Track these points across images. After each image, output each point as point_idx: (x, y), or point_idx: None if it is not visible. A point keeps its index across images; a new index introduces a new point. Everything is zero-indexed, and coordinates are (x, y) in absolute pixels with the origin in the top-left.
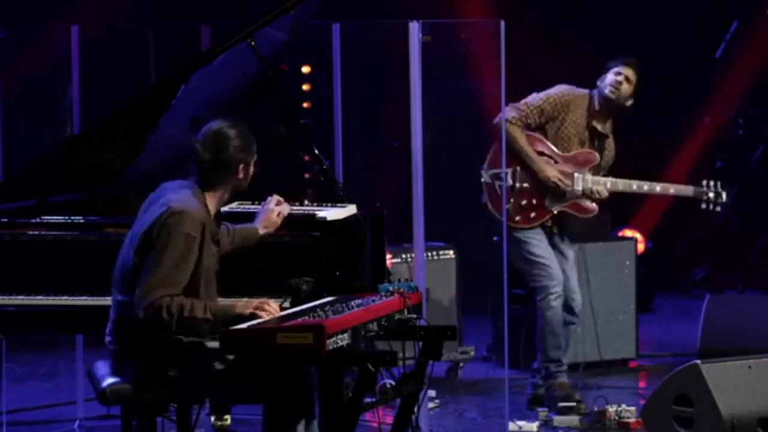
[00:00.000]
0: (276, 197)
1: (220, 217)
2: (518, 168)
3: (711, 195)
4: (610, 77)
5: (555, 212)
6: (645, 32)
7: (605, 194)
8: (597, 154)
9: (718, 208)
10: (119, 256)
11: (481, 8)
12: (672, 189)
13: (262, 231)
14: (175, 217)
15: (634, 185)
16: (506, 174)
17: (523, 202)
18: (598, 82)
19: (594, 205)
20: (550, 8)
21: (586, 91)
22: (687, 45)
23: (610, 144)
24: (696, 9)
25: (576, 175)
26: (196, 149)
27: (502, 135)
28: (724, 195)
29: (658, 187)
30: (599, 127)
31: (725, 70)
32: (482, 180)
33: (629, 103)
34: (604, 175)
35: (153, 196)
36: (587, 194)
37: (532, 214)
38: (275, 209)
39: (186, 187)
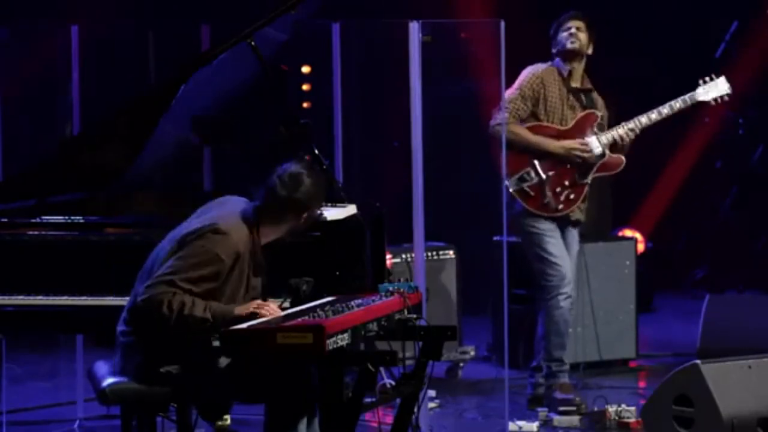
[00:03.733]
0: None
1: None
2: (535, 161)
3: (711, 88)
4: (562, 35)
5: (589, 182)
6: (645, 32)
7: (627, 138)
8: (595, 111)
9: (726, 98)
10: (154, 250)
11: (481, 8)
12: (678, 103)
13: None
14: (216, 236)
15: (643, 119)
16: (528, 172)
17: (558, 189)
18: (553, 50)
19: (620, 156)
20: (550, 8)
21: (547, 63)
22: (687, 45)
23: (596, 98)
24: (696, 9)
25: (588, 139)
26: (274, 184)
27: (503, 139)
28: (721, 81)
29: (665, 109)
30: (577, 84)
31: (725, 70)
32: (511, 191)
33: (590, 50)
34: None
35: (211, 205)
36: (611, 149)
37: (571, 195)
38: None
39: (244, 212)
